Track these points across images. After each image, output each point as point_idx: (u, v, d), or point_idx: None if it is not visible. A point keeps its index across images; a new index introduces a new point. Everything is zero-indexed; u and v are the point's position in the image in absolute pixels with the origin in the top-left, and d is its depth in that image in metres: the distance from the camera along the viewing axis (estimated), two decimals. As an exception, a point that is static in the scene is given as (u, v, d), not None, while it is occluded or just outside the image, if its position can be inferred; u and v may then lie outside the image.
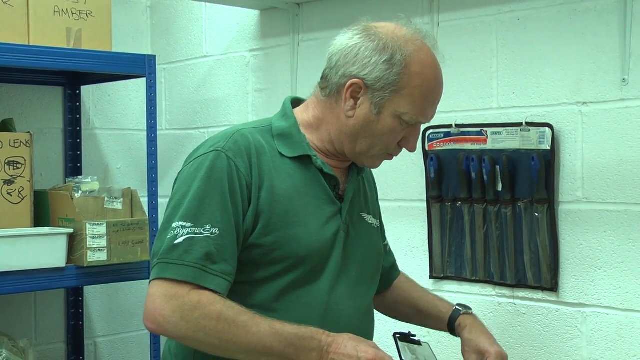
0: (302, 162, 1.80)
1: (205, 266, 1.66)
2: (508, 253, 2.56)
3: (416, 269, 2.78)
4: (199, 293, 1.65)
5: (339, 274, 1.79)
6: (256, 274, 1.73)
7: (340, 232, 1.81)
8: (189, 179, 1.73)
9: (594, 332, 2.40)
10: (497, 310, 2.61)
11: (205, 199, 1.69)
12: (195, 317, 1.64)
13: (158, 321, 1.66)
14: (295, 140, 1.80)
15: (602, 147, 2.38)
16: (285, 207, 1.74)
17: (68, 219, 2.95)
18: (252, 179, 1.72)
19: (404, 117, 1.74)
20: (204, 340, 1.66)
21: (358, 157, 1.80)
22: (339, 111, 1.77)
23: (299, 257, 1.73)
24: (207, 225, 1.68)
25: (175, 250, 1.66)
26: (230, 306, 1.66)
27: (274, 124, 1.84)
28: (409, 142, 1.79)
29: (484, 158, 2.56)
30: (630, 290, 2.33)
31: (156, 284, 1.67)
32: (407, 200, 2.82)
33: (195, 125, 3.58)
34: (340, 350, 1.64)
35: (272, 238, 1.72)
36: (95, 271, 2.95)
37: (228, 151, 1.73)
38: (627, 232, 2.33)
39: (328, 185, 1.81)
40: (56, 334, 3.47)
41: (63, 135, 3.48)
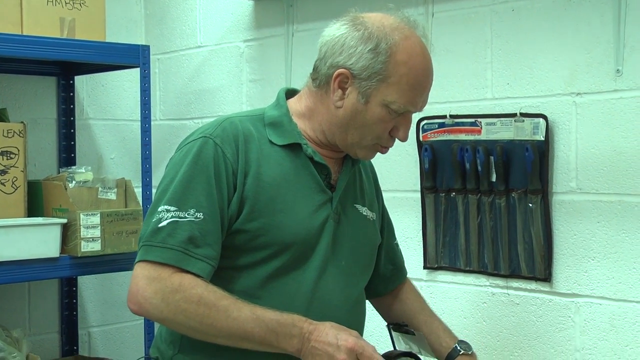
0: (293, 150, 1.80)
1: (188, 250, 1.67)
2: (502, 243, 2.57)
3: (410, 259, 2.78)
4: (181, 276, 1.66)
5: (327, 263, 1.79)
6: (241, 259, 1.74)
7: (330, 220, 1.81)
8: (177, 164, 1.75)
9: (587, 322, 2.41)
10: (490, 301, 2.62)
11: (191, 183, 1.71)
12: (176, 300, 1.65)
13: (140, 302, 1.68)
14: (286, 128, 1.81)
15: (596, 138, 2.38)
16: (271, 193, 1.74)
17: (62, 209, 2.95)
18: (238, 165, 1.73)
19: (392, 106, 1.74)
20: (184, 323, 1.67)
21: (350, 148, 1.80)
22: (329, 102, 1.77)
23: (284, 244, 1.74)
24: (192, 209, 1.69)
25: (159, 234, 1.68)
26: (211, 290, 1.67)
27: (267, 112, 1.85)
28: (399, 132, 1.79)
29: (478, 149, 2.56)
30: (624, 280, 2.34)
31: (140, 266, 1.70)
32: (401, 191, 2.83)
33: (189, 116, 3.57)
34: (321, 338, 1.65)
35: (257, 224, 1.72)
36: (89, 261, 2.95)
37: (216, 138, 1.75)
38: (621, 222, 2.34)
39: (319, 174, 1.81)
40: (50, 324, 3.47)
41: (57, 125, 3.47)
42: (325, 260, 1.79)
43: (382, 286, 2.08)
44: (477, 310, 2.65)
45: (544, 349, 2.50)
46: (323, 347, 1.64)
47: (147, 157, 3.19)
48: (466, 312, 2.67)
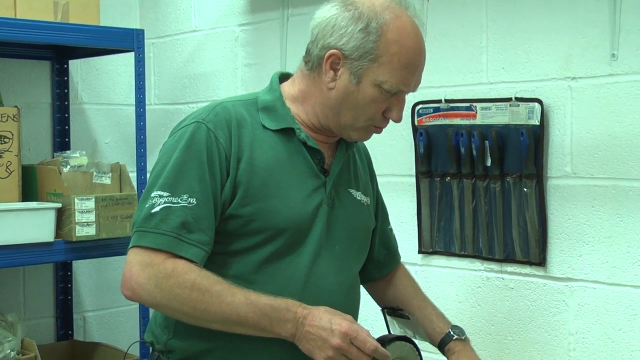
0: (286, 134, 1.80)
1: (181, 235, 1.67)
2: (496, 228, 2.57)
3: (405, 243, 2.79)
4: (174, 261, 1.66)
5: (321, 248, 1.79)
6: (235, 244, 1.74)
7: (324, 205, 1.80)
8: (170, 149, 1.75)
9: (581, 306, 2.42)
10: (485, 285, 2.62)
11: (184, 169, 1.71)
12: (169, 285, 1.65)
13: (133, 288, 1.68)
14: (279, 113, 1.80)
15: (591, 123, 2.38)
16: (264, 178, 1.74)
17: (56, 193, 2.94)
18: (231, 150, 1.73)
19: (384, 86, 1.73)
20: (177, 308, 1.68)
21: (343, 130, 1.79)
22: (322, 84, 1.77)
23: (277, 229, 1.73)
24: (185, 195, 1.69)
25: (152, 219, 1.68)
26: (205, 275, 1.67)
27: (260, 97, 1.84)
28: (393, 112, 1.78)
29: (473, 133, 2.56)
30: (618, 264, 2.34)
31: (133, 252, 1.70)
32: (396, 175, 2.82)
33: (184, 100, 3.56)
34: (315, 323, 1.65)
35: (250, 209, 1.72)
36: (84, 246, 2.95)
37: (208, 122, 1.74)
38: (615, 207, 2.34)
39: (312, 158, 1.81)
40: (45, 308, 3.47)
41: (51, 109, 3.46)
42: (319, 245, 1.79)
43: (375, 271, 2.08)
44: (471, 294, 2.66)
45: (538, 333, 2.51)
46: (317, 332, 1.64)
47: (141, 142, 3.18)
48: (461, 296, 2.68)
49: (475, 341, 2.64)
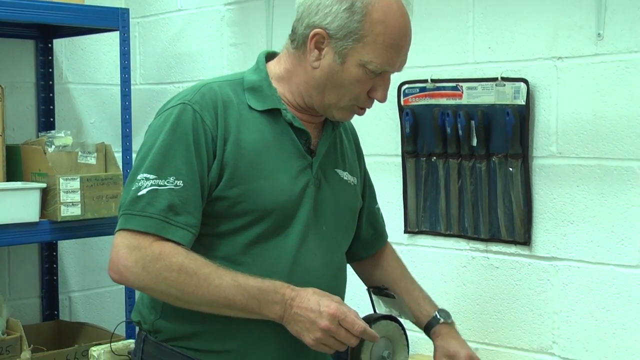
0: (272, 115, 1.79)
1: (168, 218, 1.66)
2: (482, 208, 2.58)
3: (391, 223, 2.78)
4: (161, 244, 1.66)
5: (308, 229, 1.79)
6: (222, 226, 1.73)
7: (310, 186, 1.80)
8: (155, 131, 1.74)
9: (565, 285, 2.43)
10: (470, 264, 2.63)
11: (170, 151, 1.70)
12: (157, 268, 1.65)
13: (120, 271, 1.68)
14: (266, 93, 1.79)
15: (576, 102, 2.38)
16: (251, 160, 1.73)
17: (41, 173, 2.93)
18: (217, 131, 1.72)
19: (368, 66, 1.72)
20: (165, 291, 1.67)
21: (327, 109, 1.79)
22: (306, 63, 1.76)
23: (265, 210, 1.73)
24: (171, 177, 1.68)
25: (139, 202, 1.67)
26: (192, 258, 1.66)
27: (246, 77, 1.83)
28: (377, 92, 1.77)
29: (459, 113, 2.56)
30: (602, 244, 2.36)
31: (120, 235, 1.69)
32: (382, 155, 2.83)
33: (169, 80, 3.55)
34: (303, 305, 1.65)
35: (237, 190, 1.72)
36: (69, 226, 2.94)
37: (195, 104, 1.73)
38: (600, 186, 2.35)
39: (298, 139, 1.80)
40: (30, 288, 3.47)
41: (35, 89, 3.44)
42: (306, 226, 1.79)
43: (362, 250, 2.08)
44: (457, 274, 2.67)
45: (523, 312, 2.52)
46: (305, 314, 1.64)
47: (127, 122, 3.17)
48: (446, 275, 2.69)
49: (461, 320, 2.65)
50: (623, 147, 2.31)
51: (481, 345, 2.62)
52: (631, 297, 2.31)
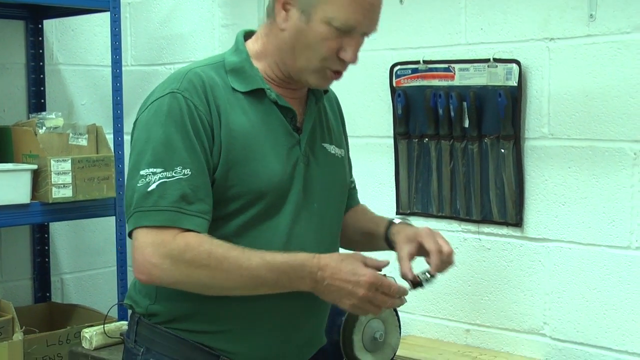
0: (256, 96, 1.77)
1: (182, 208, 1.65)
2: (474, 189, 2.58)
3: (383, 205, 2.80)
4: (184, 236, 1.65)
5: (300, 208, 1.78)
6: (217, 211, 1.72)
7: (300, 164, 1.79)
8: (148, 124, 1.72)
9: (556, 266, 2.44)
10: (462, 246, 2.64)
11: (171, 141, 1.68)
12: (187, 261, 1.64)
13: (149, 271, 1.65)
14: (248, 74, 1.78)
15: (568, 84, 2.38)
16: (242, 143, 1.72)
17: (32, 155, 2.92)
18: (211, 116, 1.71)
19: (333, 23, 1.69)
20: (197, 282, 1.67)
21: (302, 75, 1.76)
22: (277, 29, 1.75)
23: (259, 192, 1.72)
24: (178, 167, 1.67)
25: (150, 197, 1.66)
26: (218, 244, 1.66)
27: (227, 59, 1.81)
28: (347, 53, 1.73)
29: (451, 94, 2.56)
30: (593, 225, 2.36)
31: (140, 234, 1.66)
32: (374, 137, 2.82)
33: (161, 61, 3.53)
34: (337, 276, 1.64)
35: (231, 174, 1.71)
36: (61, 207, 2.93)
37: (184, 91, 1.71)
38: (591, 168, 2.36)
39: (285, 117, 1.79)
40: (22, 270, 3.46)
41: (26, 70, 3.42)
42: (298, 205, 1.78)
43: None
44: (448, 255, 2.67)
45: (514, 293, 2.53)
46: (341, 285, 1.63)
47: (118, 103, 3.15)
48: (438, 257, 2.69)
49: (452, 301, 2.67)
50: (615, 129, 2.31)
51: (472, 326, 2.63)
52: (621, 278, 2.32)
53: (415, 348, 2.58)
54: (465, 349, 2.58)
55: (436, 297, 2.70)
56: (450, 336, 2.68)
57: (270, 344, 1.76)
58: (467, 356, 2.51)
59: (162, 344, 1.77)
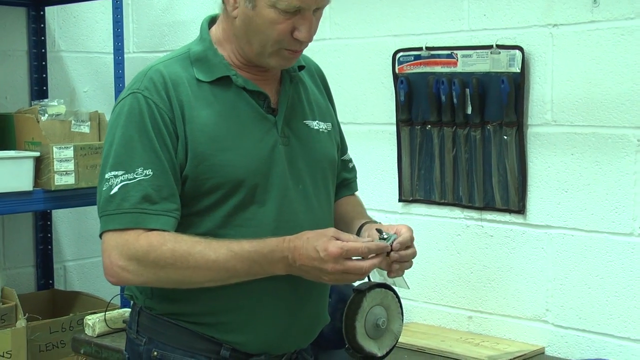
0: (223, 84, 1.75)
1: (145, 209, 1.65)
2: (476, 176, 2.57)
3: (385, 192, 2.79)
4: (147, 236, 1.65)
5: (286, 190, 1.76)
6: (197, 205, 1.72)
7: (279, 146, 1.76)
8: (112, 127, 1.72)
9: (559, 253, 2.44)
10: (465, 233, 2.64)
11: (131, 143, 1.68)
12: (151, 261, 1.64)
13: (117, 273, 1.67)
14: (212, 62, 1.76)
15: (571, 70, 2.37)
16: (210, 135, 1.71)
17: (34, 142, 2.92)
18: (173, 113, 1.70)
19: (278, 6, 1.67)
20: (167, 280, 1.68)
21: (260, 58, 1.74)
22: (230, 16, 1.74)
23: (236, 181, 1.71)
24: (139, 168, 1.67)
25: (113, 201, 1.67)
26: (181, 240, 1.65)
27: (192, 49, 1.79)
28: (301, 32, 1.70)
29: (454, 81, 2.55)
30: (596, 212, 2.36)
31: (106, 238, 1.69)
32: (376, 124, 2.82)
33: (163, 48, 3.52)
34: (304, 255, 1.62)
35: (202, 168, 1.70)
36: (63, 195, 2.93)
37: (144, 91, 1.70)
38: (594, 154, 2.35)
39: (256, 101, 1.77)
40: (25, 258, 3.47)
41: (28, 57, 3.42)
42: (282, 187, 1.76)
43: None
44: (451, 242, 2.68)
45: (517, 280, 2.53)
46: (309, 263, 1.62)
47: (120, 90, 3.15)
48: (440, 244, 2.70)
49: (455, 288, 2.67)
50: (618, 115, 2.30)
51: (475, 313, 2.63)
52: (624, 265, 2.32)
53: (417, 335, 2.58)
54: (467, 336, 2.58)
55: (438, 284, 2.70)
56: (453, 323, 2.68)
57: (272, 331, 1.76)
58: (469, 343, 2.51)
59: (164, 334, 1.78)
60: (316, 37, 1.72)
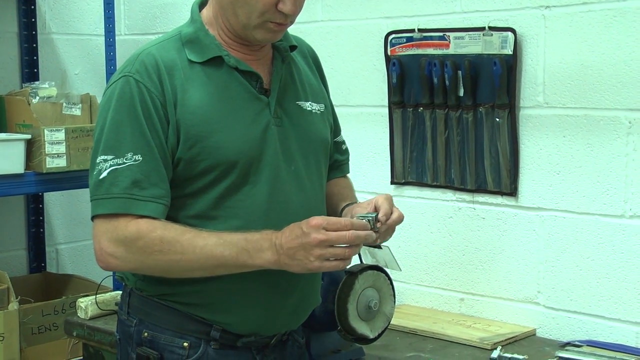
0: (215, 64, 1.75)
1: (134, 194, 1.65)
2: (468, 158, 2.58)
3: (377, 174, 2.79)
4: (137, 222, 1.65)
5: (278, 170, 1.76)
6: (190, 186, 1.72)
7: (271, 127, 1.76)
8: (104, 110, 1.72)
9: (550, 235, 2.45)
10: (457, 215, 2.64)
11: (121, 127, 1.68)
12: (139, 247, 1.64)
13: (106, 260, 1.68)
14: (204, 43, 1.75)
15: (563, 52, 2.37)
16: (203, 116, 1.70)
17: (25, 124, 2.91)
18: (165, 97, 1.69)
19: None
20: (155, 267, 1.68)
21: (246, 31, 1.73)
22: None
23: (228, 163, 1.70)
24: (129, 153, 1.66)
25: (102, 186, 1.66)
26: (170, 228, 1.65)
27: (183, 31, 1.78)
28: (285, 4, 1.70)
29: (446, 63, 2.54)
30: (587, 194, 2.36)
31: (96, 224, 1.69)
32: (368, 106, 2.81)
33: (154, 30, 3.50)
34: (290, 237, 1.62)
35: (196, 150, 1.69)
36: (55, 177, 2.93)
37: (135, 74, 1.70)
38: (586, 136, 2.35)
39: (248, 82, 1.76)
40: (17, 241, 3.46)
41: (18, 39, 3.40)
42: (275, 168, 1.76)
43: None
44: (443, 224, 2.68)
45: (509, 262, 2.54)
46: (295, 243, 1.62)
47: (111, 72, 3.14)
48: (432, 226, 2.70)
49: (447, 271, 2.67)
50: (610, 97, 2.30)
51: (467, 296, 2.64)
52: (615, 247, 2.33)
53: (409, 317, 2.59)
54: (459, 318, 2.59)
55: (430, 266, 2.71)
56: (445, 305, 2.69)
57: (262, 312, 1.77)
58: (461, 325, 2.52)
59: (155, 315, 1.78)
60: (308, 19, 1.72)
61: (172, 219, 1.70)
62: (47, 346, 3.07)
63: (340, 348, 2.20)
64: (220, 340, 1.76)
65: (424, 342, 2.40)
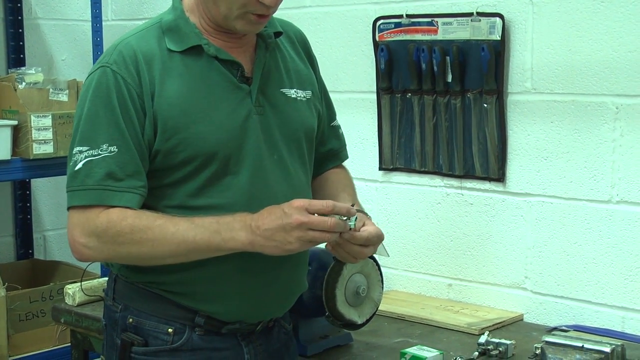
0: (194, 53, 1.73)
1: (109, 185, 1.64)
2: (457, 144, 2.58)
3: (366, 160, 2.79)
4: (108, 212, 1.64)
5: (261, 160, 1.74)
6: (169, 177, 1.71)
7: (252, 116, 1.74)
8: (81, 101, 1.71)
9: (538, 221, 2.45)
10: (445, 201, 2.65)
11: (97, 118, 1.67)
12: (111, 237, 1.64)
13: (80, 250, 1.68)
14: (184, 31, 1.73)
15: (551, 38, 2.37)
16: (181, 108, 1.69)
17: (12, 110, 2.89)
18: (142, 88, 1.68)
19: None
20: (128, 255, 1.68)
21: (228, 22, 1.71)
22: None
23: (208, 153, 1.69)
24: (104, 144, 1.65)
25: (78, 177, 1.66)
26: (141, 215, 1.65)
27: (163, 18, 1.77)
28: None
29: (434, 49, 2.54)
30: (575, 179, 2.37)
31: (70, 215, 1.69)
32: (356, 92, 2.81)
33: (142, 16, 3.48)
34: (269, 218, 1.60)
35: (174, 141, 1.68)
36: (42, 164, 2.92)
37: (112, 65, 1.68)
38: (574, 122, 2.36)
39: (229, 71, 1.75)
40: (4, 227, 3.45)
41: (4, 25, 3.37)
42: (257, 157, 1.74)
43: (315, 168, 1.97)
44: (431, 210, 2.68)
45: (496, 248, 2.55)
46: (274, 224, 1.60)
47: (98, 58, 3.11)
48: (421, 212, 2.70)
49: (434, 256, 2.68)
50: (597, 83, 2.31)
51: (454, 281, 2.65)
52: (602, 232, 2.34)
53: (397, 303, 2.59)
54: (447, 304, 2.60)
55: (418, 252, 2.71)
56: (433, 291, 2.70)
57: (246, 300, 1.76)
58: (449, 310, 2.53)
59: (139, 301, 1.78)
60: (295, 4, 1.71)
61: (153, 209, 1.69)
62: (35, 333, 3.07)
63: (329, 334, 2.21)
64: (205, 326, 1.75)
65: (411, 327, 2.41)
